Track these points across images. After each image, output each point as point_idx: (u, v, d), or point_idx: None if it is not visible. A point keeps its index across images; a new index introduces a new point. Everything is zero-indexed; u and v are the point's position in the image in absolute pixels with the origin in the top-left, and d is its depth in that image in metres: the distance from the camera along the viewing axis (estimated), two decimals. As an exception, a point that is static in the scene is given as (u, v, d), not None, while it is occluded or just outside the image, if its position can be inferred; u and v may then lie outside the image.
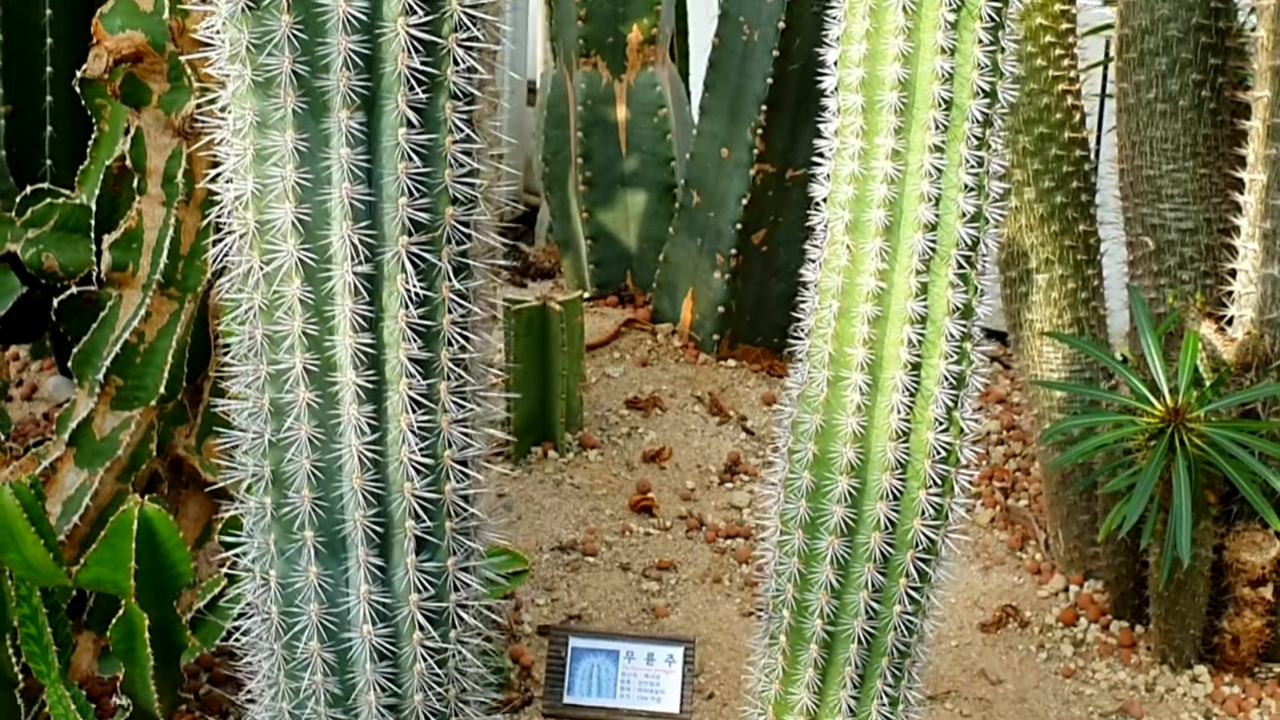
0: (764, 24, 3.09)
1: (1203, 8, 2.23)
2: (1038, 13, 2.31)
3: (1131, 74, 2.28)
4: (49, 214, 2.01)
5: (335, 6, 1.24)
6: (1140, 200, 2.29)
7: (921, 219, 1.43)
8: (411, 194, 1.27)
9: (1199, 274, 2.26)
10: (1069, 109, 2.33)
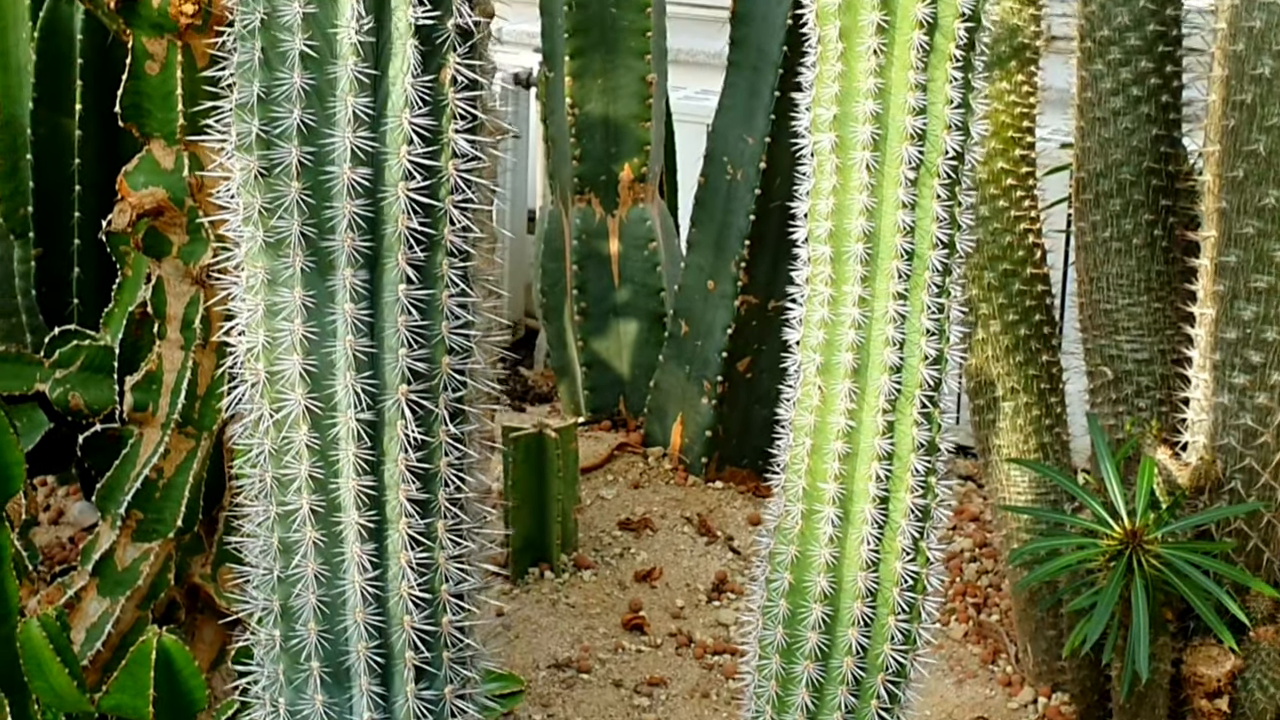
0: (746, 164, 3.14)
1: (1153, 153, 2.27)
2: (999, 158, 2.36)
3: (1088, 214, 2.32)
4: (75, 355, 2.05)
5: (341, 173, 1.27)
6: (1099, 332, 2.32)
7: (887, 362, 1.46)
8: (410, 345, 1.30)
9: (1155, 402, 2.29)
10: (1030, 246, 2.37)
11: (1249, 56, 2.05)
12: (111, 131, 2.44)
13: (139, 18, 1.71)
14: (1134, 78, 2.28)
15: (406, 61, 1.28)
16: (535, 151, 4.18)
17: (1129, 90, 2.28)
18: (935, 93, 1.44)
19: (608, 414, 3.41)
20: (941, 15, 1.43)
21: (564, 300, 3.47)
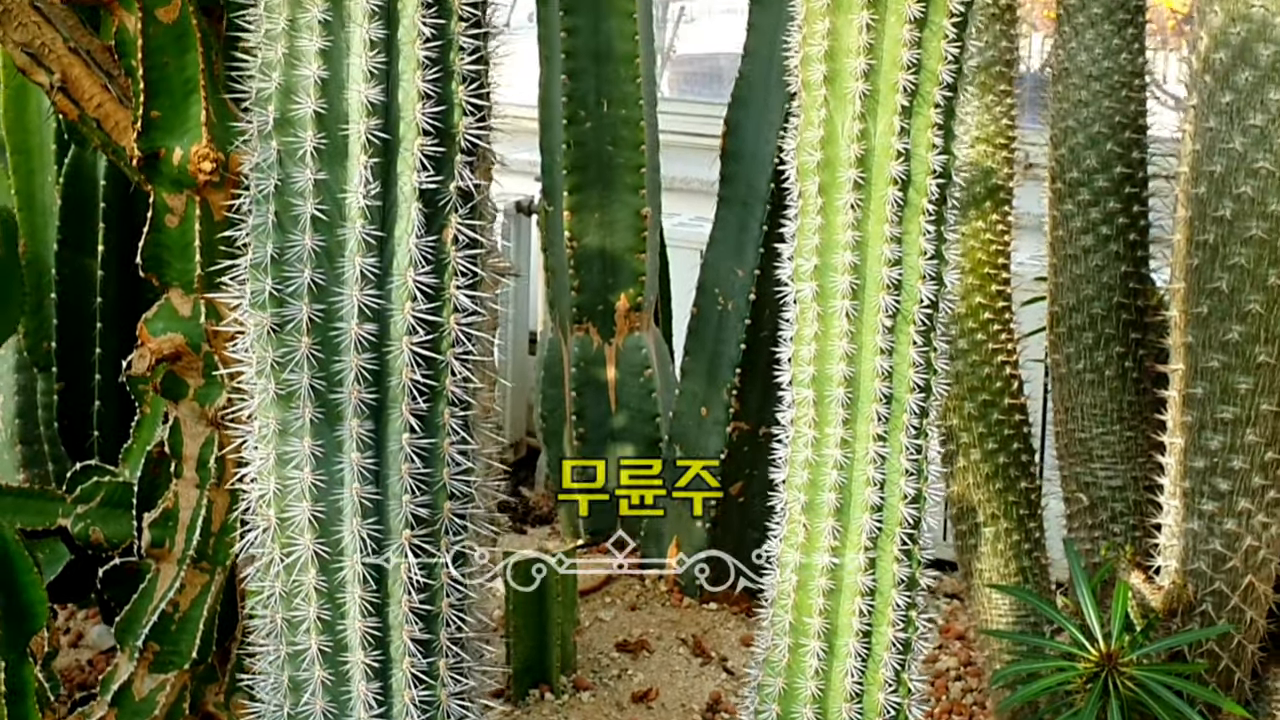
0: (736, 295, 3.18)
1: (1122, 289, 2.31)
2: (976, 293, 2.39)
3: (1062, 346, 2.35)
4: (96, 491, 2.07)
5: (349, 329, 1.30)
6: (1074, 460, 2.34)
7: (869, 501, 1.48)
8: (414, 492, 1.32)
9: (1129, 527, 2.30)
10: (1008, 378, 2.40)
11: (1210, 199, 2.08)
12: (131, 272, 2.48)
13: (160, 174, 1.75)
14: (1102, 217, 2.32)
15: (411, 223, 1.31)
16: (536, 275, 4.23)
17: (1098, 229, 2.32)
18: (910, 245, 1.47)
19: (605, 536, 3.42)
20: (914, 172, 1.46)
21: (563, 425, 3.50)
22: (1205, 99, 2.10)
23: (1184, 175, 2.15)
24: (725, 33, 6.22)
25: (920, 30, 1.45)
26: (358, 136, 1.30)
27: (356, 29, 1.30)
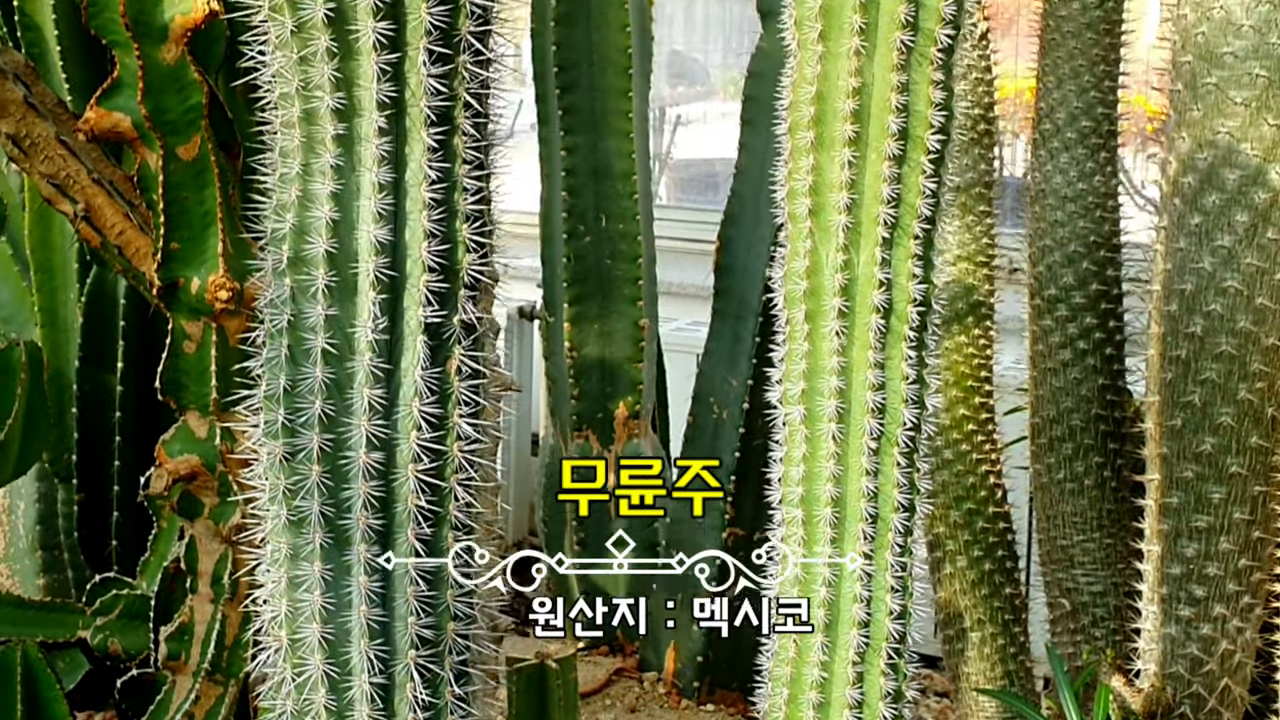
0: (731, 405, 3.21)
1: (1100, 401, 2.33)
2: (960, 405, 2.42)
3: (1044, 456, 2.37)
4: (115, 604, 2.09)
5: (357, 458, 1.33)
6: (1056, 566, 2.36)
7: (856, 617, 1.50)
8: (419, 614, 1.34)
9: (1109, 631, 2.32)
10: (991, 487, 2.43)
11: (1182, 316, 2.11)
12: (149, 388, 2.50)
13: (179, 303, 1.77)
14: (1080, 332, 2.35)
15: (416, 356, 1.34)
16: (539, 378, 4.26)
17: (1076, 344, 2.35)
18: (892, 370, 1.50)
19: (605, 640, 3.42)
20: (896, 301, 1.49)
21: (564, 530, 3.51)
22: (1175, 220, 2.13)
23: (1156, 293, 2.18)
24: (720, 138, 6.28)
25: (899, 167, 1.48)
26: (367, 274, 1.33)
27: (366, 173, 1.33)
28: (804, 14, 1.50)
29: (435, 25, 1.33)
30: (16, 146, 2.01)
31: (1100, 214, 2.36)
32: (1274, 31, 2.04)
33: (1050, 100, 2.39)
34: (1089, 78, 2.36)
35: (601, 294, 3.48)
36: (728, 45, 7.09)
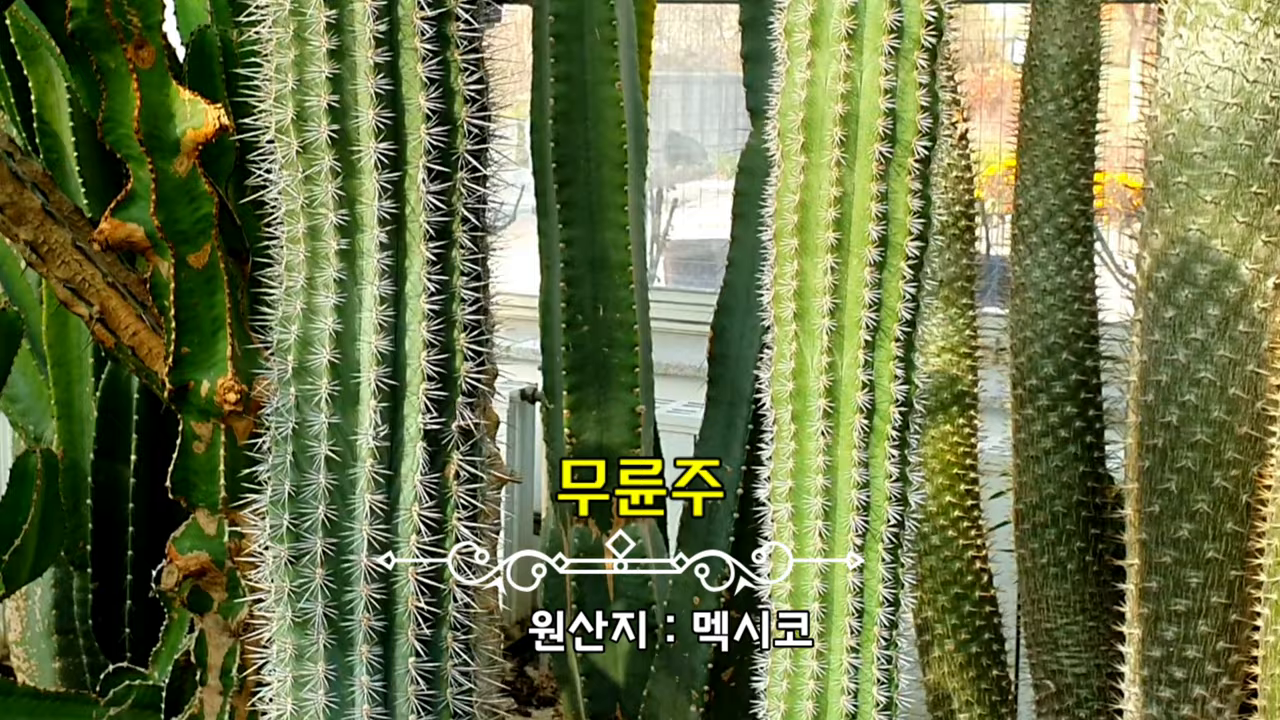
0: (725, 490, 3.21)
1: (1081, 487, 2.34)
2: (946, 492, 2.43)
3: (1028, 541, 2.38)
4: (127, 694, 2.09)
5: (359, 561, 1.34)
6: (1041, 648, 2.36)
7: (844, 710, 1.50)
8: (419, 713, 1.35)
9: (1093, 712, 2.32)
10: (978, 571, 2.43)
11: (1158, 406, 2.12)
12: (160, 480, 2.51)
13: (189, 405, 1.79)
14: (1060, 421, 2.37)
15: (416, 462, 1.35)
16: (540, 460, 4.26)
17: (1057, 433, 2.37)
18: (876, 469, 1.51)
19: (607, 715, 3.41)
20: (879, 402, 1.50)
21: (565, 608, 3.50)
22: (1150, 314, 2.15)
23: (1134, 384, 2.19)
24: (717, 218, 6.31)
25: (880, 272, 1.50)
26: (368, 384, 1.34)
27: (368, 286, 1.35)
28: (787, 126, 1.52)
29: (434, 145, 1.35)
30: (35, 252, 2.03)
31: (1078, 306, 2.38)
32: (1241, 133, 2.06)
33: (1028, 197, 2.41)
34: (1065, 175, 2.38)
35: (599, 381, 3.49)
36: (724, 126, 7.15)
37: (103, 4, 1.70)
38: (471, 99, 1.37)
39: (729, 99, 6.98)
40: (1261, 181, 2.06)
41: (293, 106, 1.35)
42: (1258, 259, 2.08)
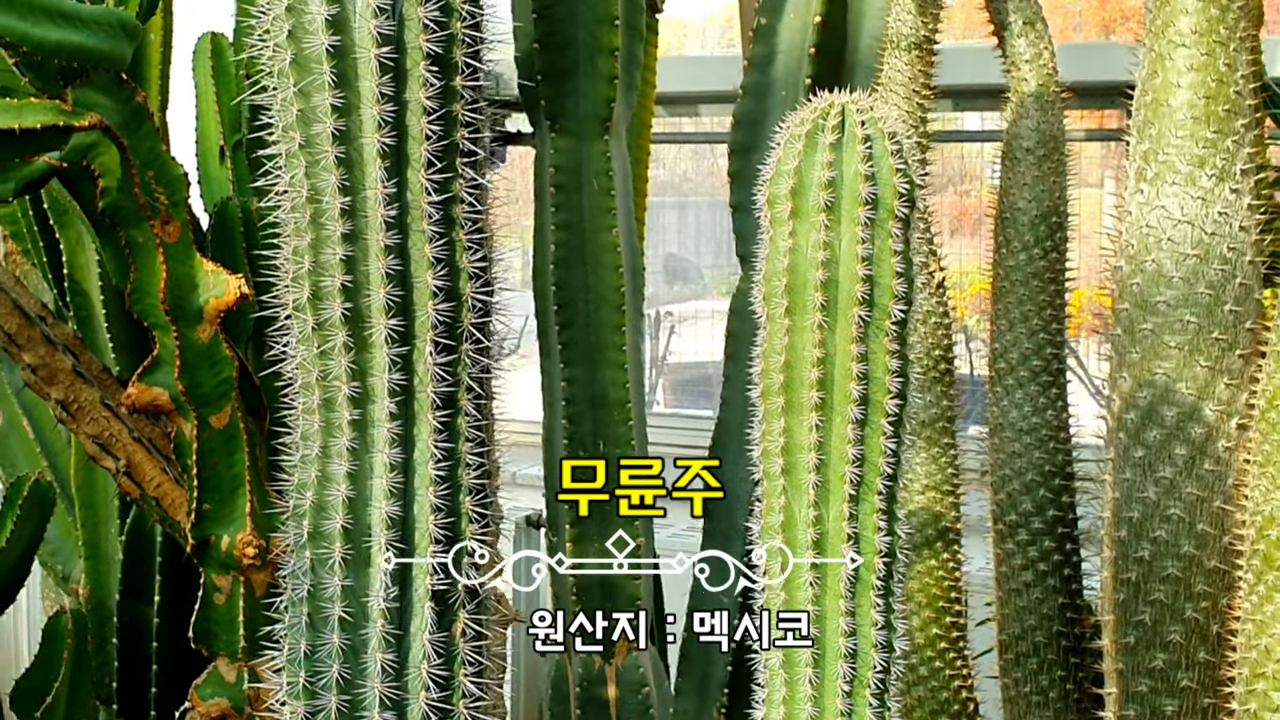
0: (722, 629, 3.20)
1: (1060, 619, 2.35)
2: (932, 625, 2.43)
3: (1011, 670, 2.38)
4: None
5: (371, 717, 1.34)
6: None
7: None
8: None
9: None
10: (964, 700, 2.43)
11: (1130, 541, 2.13)
12: (184, 620, 2.52)
13: (210, 558, 1.80)
14: (1039, 555, 2.37)
15: (425, 621, 1.37)
16: (546, 586, 4.25)
17: (1036, 566, 2.37)
18: (862, 617, 1.52)
19: (611, 839, 3.38)
20: (864, 551, 1.52)
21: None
22: (1121, 453, 2.17)
23: (1107, 520, 2.21)
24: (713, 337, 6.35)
25: (862, 429, 1.52)
26: (379, 547, 1.36)
27: (378, 454, 1.37)
28: (772, 290, 1.55)
29: (441, 320, 1.38)
30: (65, 410, 2.05)
31: (1053, 445, 2.40)
32: (1201, 282, 2.09)
33: (1004, 341, 2.44)
34: (1037, 321, 2.41)
35: (601, 515, 3.49)
36: (718, 248, 7.21)
37: (132, 183, 1.73)
38: (476, 275, 1.41)
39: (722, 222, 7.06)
40: (1222, 328, 2.09)
41: (309, 286, 1.38)
42: (1221, 401, 2.10)
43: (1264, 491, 2.03)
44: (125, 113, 1.72)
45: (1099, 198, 5.56)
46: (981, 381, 3.76)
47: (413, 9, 1.35)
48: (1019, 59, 2.42)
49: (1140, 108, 2.19)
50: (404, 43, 1.36)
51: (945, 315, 2.51)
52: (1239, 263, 2.10)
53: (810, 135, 1.55)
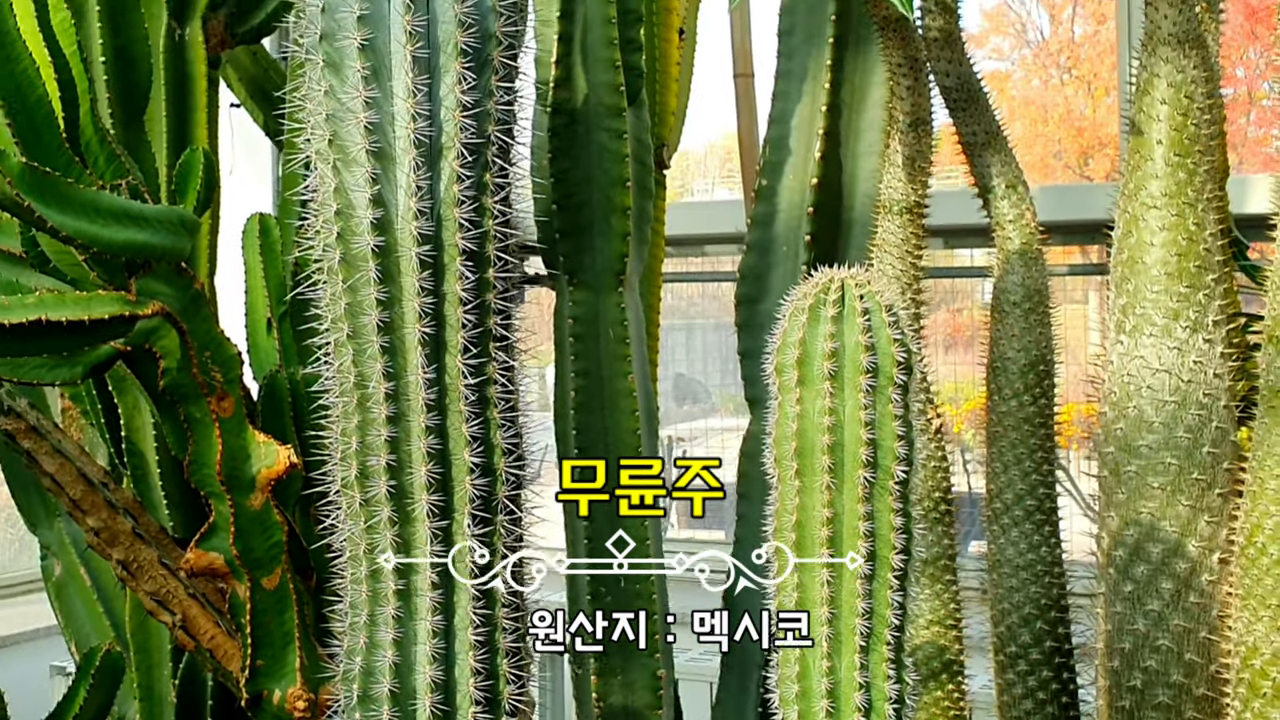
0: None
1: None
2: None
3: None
4: None
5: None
6: None
7: None
8: None
9: None
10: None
11: (1123, 671, 2.14)
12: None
13: (264, 712, 1.82)
14: (1038, 684, 2.37)
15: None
16: (570, 707, 4.22)
17: (1035, 695, 2.37)
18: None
19: None
20: (874, 700, 1.54)
21: None
22: (1111, 587, 2.18)
23: (1101, 650, 2.22)
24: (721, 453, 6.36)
25: (870, 584, 1.55)
26: (424, 710, 1.38)
27: (422, 621, 1.40)
28: (782, 454, 1.59)
29: (477, 494, 1.41)
30: (125, 569, 2.08)
31: (1049, 579, 2.41)
32: (1180, 427, 2.12)
33: (999, 483, 2.46)
34: (1029, 463, 2.44)
35: (623, 653, 3.49)
36: (725, 368, 7.25)
37: (190, 363, 1.78)
38: (509, 450, 1.44)
39: (728, 343, 7.11)
40: (1201, 469, 2.11)
41: (356, 465, 1.42)
42: (1202, 537, 2.12)
43: (1246, 623, 2.04)
44: (184, 299, 1.76)
45: (1084, 313, 5.61)
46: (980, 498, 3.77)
47: (450, 210, 1.40)
48: (1003, 219, 2.47)
49: (1118, 264, 2.24)
50: (442, 241, 1.40)
51: (944, 459, 2.53)
52: (1214, 408, 2.13)
53: (813, 309, 1.59)
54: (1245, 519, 2.06)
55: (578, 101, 2.70)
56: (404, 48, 1.37)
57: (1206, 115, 2.15)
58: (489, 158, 1.41)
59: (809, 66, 2.73)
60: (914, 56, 2.32)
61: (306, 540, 1.89)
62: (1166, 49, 2.15)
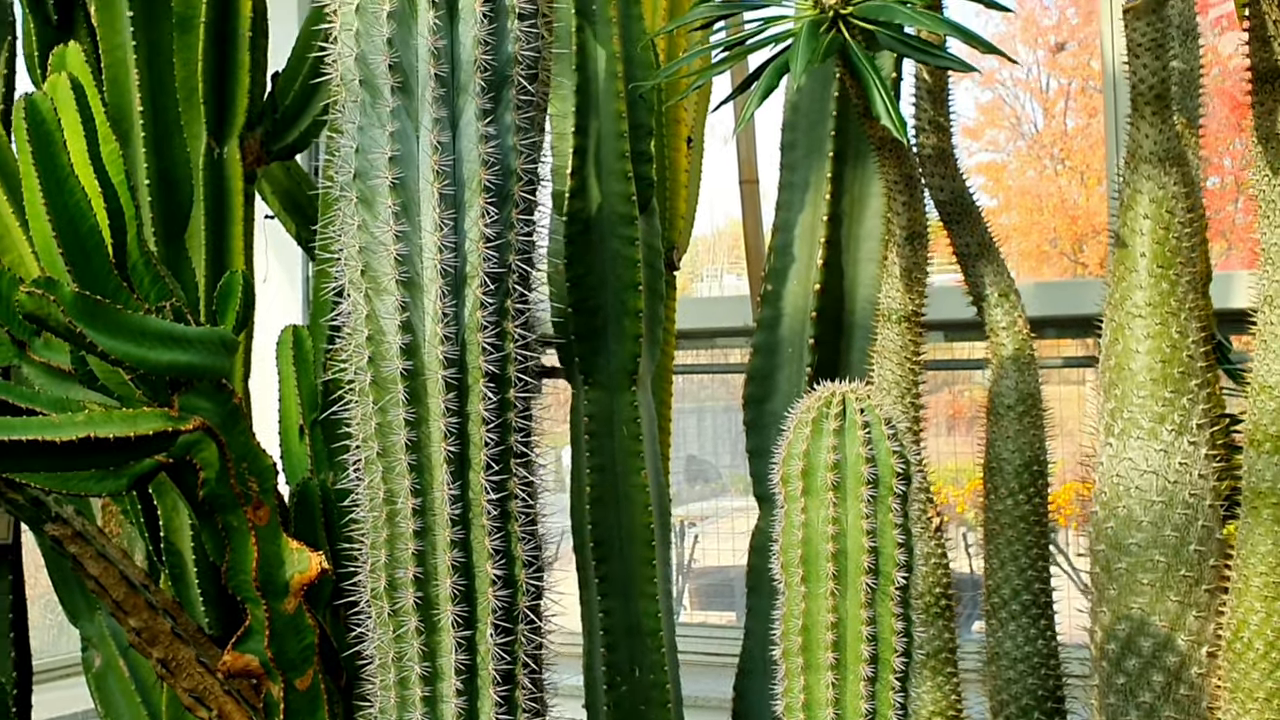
0: (753, 828, 3.18)
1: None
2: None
3: None
4: None
5: None
6: None
7: None
8: None
9: None
10: None
11: None
12: None
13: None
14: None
15: None
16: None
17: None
18: None
19: None
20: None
21: None
22: (1104, 680, 2.19)
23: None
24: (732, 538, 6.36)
25: (873, 685, 1.56)
26: (450, 811, 1.40)
27: (448, 704, 1.42)
28: (789, 560, 1.61)
29: (499, 605, 1.43)
30: (164, 667, 2.10)
31: (1044, 671, 2.41)
32: (1168, 525, 2.14)
33: (996, 578, 2.47)
34: (1025, 559, 2.45)
35: (635, 716, 3.49)
36: (735, 449, 7.27)
37: (228, 474, 1.81)
38: (530, 562, 1.47)
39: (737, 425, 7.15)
40: (1188, 566, 2.13)
41: (385, 577, 1.44)
42: (1191, 631, 2.13)
43: (1235, 715, 2.05)
44: (224, 413, 1.80)
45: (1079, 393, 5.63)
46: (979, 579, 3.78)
47: (473, 335, 1.44)
48: (997, 326, 2.50)
49: (1105, 370, 2.27)
50: (466, 364, 1.44)
51: (942, 556, 2.55)
52: (1200, 507, 2.15)
53: (816, 422, 1.62)
54: (1232, 614, 2.07)
55: (592, 210, 2.76)
56: (431, 185, 1.41)
57: (1188, 228, 2.19)
58: (510, 285, 1.45)
59: (810, 178, 2.79)
60: (909, 174, 2.37)
61: (337, 642, 1.91)
62: (1148, 166, 2.20)
